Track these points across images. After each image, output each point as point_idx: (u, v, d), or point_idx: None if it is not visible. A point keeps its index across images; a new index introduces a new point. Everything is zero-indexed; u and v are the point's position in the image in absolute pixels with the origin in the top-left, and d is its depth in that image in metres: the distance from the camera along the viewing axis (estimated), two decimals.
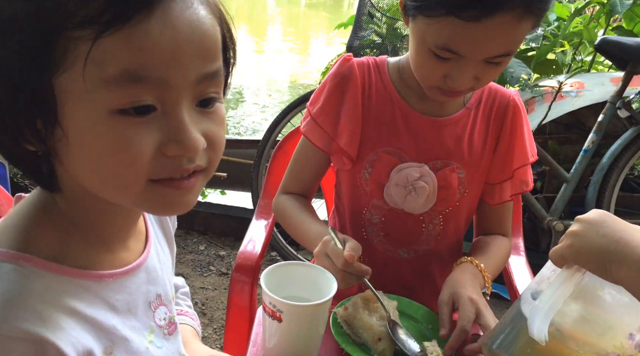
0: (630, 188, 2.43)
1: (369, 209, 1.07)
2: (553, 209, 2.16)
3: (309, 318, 0.80)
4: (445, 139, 1.03)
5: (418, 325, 0.95)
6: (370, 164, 1.04)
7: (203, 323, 2.05)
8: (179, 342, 0.67)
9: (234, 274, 1.18)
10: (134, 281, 0.60)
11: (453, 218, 1.08)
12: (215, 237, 2.64)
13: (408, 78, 1.02)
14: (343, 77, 1.03)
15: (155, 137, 0.49)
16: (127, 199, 0.53)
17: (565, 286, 0.63)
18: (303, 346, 0.82)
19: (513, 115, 1.04)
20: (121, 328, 0.56)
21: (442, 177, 1.01)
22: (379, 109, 1.03)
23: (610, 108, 2.09)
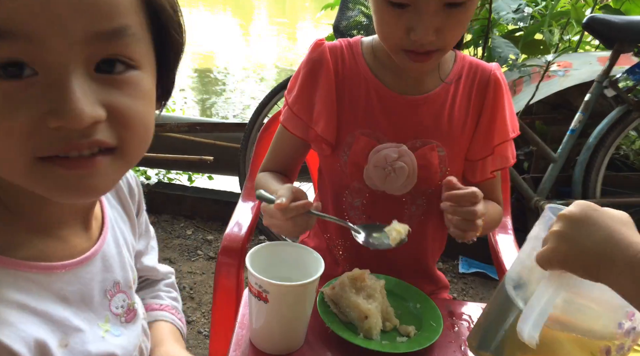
0: (617, 167, 2.44)
1: (350, 192, 1.06)
2: (540, 190, 2.16)
3: (295, 298, 0.79)
4: (423, 117, 1.00)
5: (407, 304, 0.94)
6: (348, 146, 1.02)
7: (191, 307, 2.04)
8: (138, 328, 0.64)
9: (219, 257, 1.17)
10: (89, 271, 0.57)
11: (436, 199, 1.05)
12: (202, 222, 2.62)
13: (382, 56, 1.01)
14: (315, 63, 1.02)
15: (34, 105, 0.42)
16: (15, 178, 0.47)
17: (555, 289, 0.61)
18: (290, 326, 0.81)
19: (495, 90, 1.02)
20: (73, 319, 0.53)
21: (421, 156, 0.99)
22: (353, 91, 1.02)
23: (597, 87, 2.09)
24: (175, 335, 0.78)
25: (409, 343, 0.84)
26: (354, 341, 0.82)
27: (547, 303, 0.60)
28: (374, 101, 1.01)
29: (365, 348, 0.81)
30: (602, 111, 2.22)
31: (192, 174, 3.06)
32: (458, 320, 0.93)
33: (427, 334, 0.86)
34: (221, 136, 2.62)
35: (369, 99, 1.01)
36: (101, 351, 0.56)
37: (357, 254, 1.10)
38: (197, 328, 1.93)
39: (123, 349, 0.59)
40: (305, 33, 8.38)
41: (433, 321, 0.88)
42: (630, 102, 2.10)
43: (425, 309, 0.92)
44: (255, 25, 9.10)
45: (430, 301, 0.94)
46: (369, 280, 0.90)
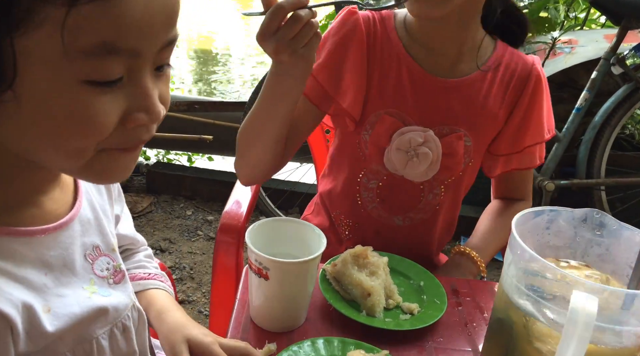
0: (622, 146, 2.41)
1: (366, 173, 1.02)
2: (544, 169, 2.13)
3: (296, 275, 0.76)
4: (454, 103, 0.95)
5: (410, 282, 0.92)
6: (371, 126, 0.97)
7: (191, 287, 2.02)
8: (128, 289, 0.65)
9: (218, 235, 1.15)
10: (69, 235, 0.57)
11: (454, 189, 1.02)
12: (202, 202, 2.60)
13: (415, 32, 0.96)
14: (347, 32, 0.94)
15: (121, 106, 0.47)
16: (73, 166, 0.49)
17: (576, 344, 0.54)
18: (291, 304, 0.79)
19: (535, 87, 0.96)
20: (54, 285, 0.54)
21: (447, 144, 0.95)
22: (384, 67, 0.96)
23: (604, 65, 2.05)
24: (174, 302, 0.78)
25: (412, 321, 0.82)
26: (357, 319, 0.80)
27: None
28: (404, 79, 0.95)
29: (368, 326, 0.79)
30: (608, 90, 2.19)
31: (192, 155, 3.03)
32: (463, 297, 0.91)
33: (430, 312, 0.84)
34: (221, 115, 2.58)
35: (400, 77, 0.95)
36: (88, 307, 0.56)
37: (363, 236, 1.08)
38: (197, 308, 1.93)
39: (114, 307, 0.60)
40: None
41: (437, 299, 0.86)
42: (637, 80, 2.06)
43: (429, 287, 0.90)
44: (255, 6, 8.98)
45: (434, 278, 0.91)
46: (371, 257, 0.88)
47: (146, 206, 2.47)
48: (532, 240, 0.72)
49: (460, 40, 0.94)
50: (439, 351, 0.78)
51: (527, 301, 0.63)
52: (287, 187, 2.48)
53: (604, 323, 0.57)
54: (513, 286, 0.64)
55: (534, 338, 0.62)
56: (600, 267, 0.70)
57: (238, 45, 6.12)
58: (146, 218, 2.42)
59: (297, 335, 0.78)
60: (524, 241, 0.63)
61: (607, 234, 0.69)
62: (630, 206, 2.19)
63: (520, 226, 0.68)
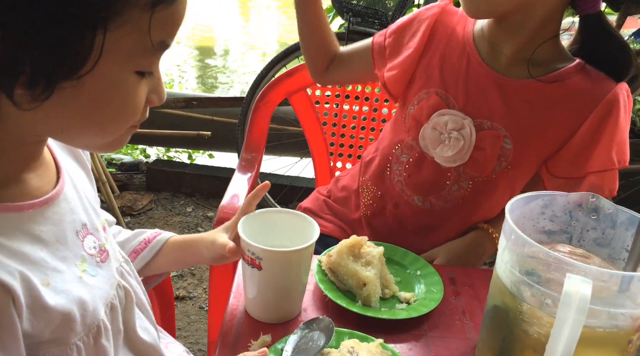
0: None
1: (402, 146, 1.05)
2: None
3: (290, 265, 0.76)
4: (502, 101, 0.94)
5: (407, 272, 0.92)
6: (419, 101, 1.01)
7: (192, 283, 2.02)
8: (112, 269, 0.66)
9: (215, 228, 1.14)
10: (57, 211, 0.58)
11: (485, 191, 1.00)
12: (202, 199, 2.60)
13: (485, 26, 0.97)
14: (421, 14, 1.03)
15: (146, 91, 0.55)
16: (102, 143, 0.56)
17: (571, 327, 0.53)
18: (285, 294, 0.78)
19: (607, 113, 0.89)
20: (51, 260, 0.55)
21: (482, 137, 0.94)
22: (447, 52, 1.00)
23: None
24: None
25: (408, 310, 0.81)
26: (352, 309, 0.79)
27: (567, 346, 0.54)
28: (463, 65, 0.98)
29: (364, 316, 0.79)
30: None
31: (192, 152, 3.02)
32: (460, 286, 0.90)
33: (427, 301, 0.83)
34: (220, 111, 2.57)
35: (460, 62, 0.98)
36: (79, 295, 0.57)
37: (383, 205, 1.10)
38: (198, 304, 1.92)
39: (100, 289, 0.61)
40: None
41: (434, 288, 0.86)
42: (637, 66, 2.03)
43: (426, 276, 0.89)
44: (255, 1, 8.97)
45: (430, 267, 0.91)
46: (367, 247, 0.87)
47: (146, 204, 2.46)
48: (527, 226, 0.71)
49: (518, 44, 0.92)
50: (436, 339, 0.77)
51: (522, 286, 0.62)
52: (286, 182, 2.47)
53: (599, 306, 0.56)
54: (507, 272, 0.63)
55: (529, 323, 0.61)
56: (597, 251, 0.69)
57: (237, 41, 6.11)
58: (146, 216, 2.42)
59: (292, 327, 0.77)
60: (519, 226, 0.62)
61: (602, 218, 0.69)
62: (632, 194, 2.17)
63: (515, 211, 0.68)
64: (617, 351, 0.59)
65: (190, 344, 1.74)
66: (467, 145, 0.95)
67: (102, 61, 0.48)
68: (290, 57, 2.20)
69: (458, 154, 0.96)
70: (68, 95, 0.48)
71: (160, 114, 2.46)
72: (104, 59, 0.48)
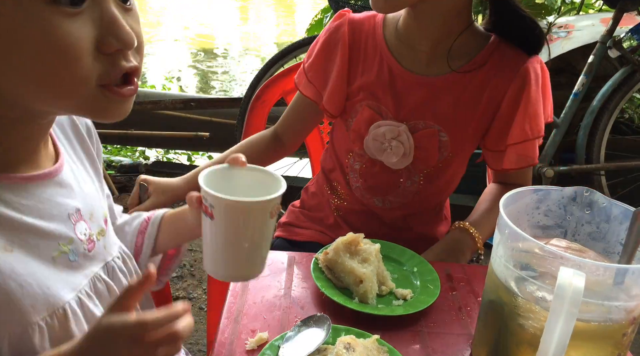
0: (621, 131, 2.39)
1: (353, 155, 1.09)
2: (543, 156, 2.12)
3: (243, 218, 0.66)
4: (429, 100, 0.98)
5: (403, 269, 0.92)
6: (354, 114, 1.04)
7: (192, 284, 2.03)
8: (99, 258, 0.66)
9: None
10: (44, 191, 0.59)
11: (436, 177, 1.05)
12: None
13: (398, 28, 1.00)
14: (332, 34, 1.04)
15: (91, 31, 0.49)
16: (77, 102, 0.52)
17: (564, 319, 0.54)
18: (237, 249, 0.68)
19: (521, 86, 0.95)
20: (26, 231, 0.55)
21: (419, 138, 0.99)
22: (367, 62, 1.02)
23: (601, 48, 2.03)
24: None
25: (405, 306, 0.81)
26: (349, 306, 0.80)
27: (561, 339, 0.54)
28: (385, 75, 1.01)
29: (361, 312, 0.79)
30: (605, 74, 2.17)
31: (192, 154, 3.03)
32: (457, 282, 0.90)
33: (423, 297, 0.83)
34: (218, 113, 2.58)
35: (381, 72, 1.01)
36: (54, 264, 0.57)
37: (351, 208, 1.12)
38: (198, 305, 1.93)
39: (71, 276, 0.60)
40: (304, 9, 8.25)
41: (430, 284, 0.86)
42: (634, 62, 2.04)
43: (423, 272, 0.89)
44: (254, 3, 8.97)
45: (427, 264, 0.91)
46: (363, 244, 0.87)
47: None
48: (522, 220, 0.71)
49: (433, 39, 0.96)
50: (432, 335, 0.78)
51: (516, 280, 0.62)
52: None
53: (594, 299, 0.56)
54: (502, 266, 0.64)
55: (524, 317, 0.61)
56: (592, 245, 0.70)
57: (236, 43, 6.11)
58: None
59: (289, 324, 0.78)
60: (514, 221, 0.62)
61: (597, 212, 0.69)
62: (631, 190, 2.17)
63: (510, 205, 0.68)
64: (612, 345, 0.59)
65: (190, 345, 1.75)
66: (408, 149, 1.00)
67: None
68: (288, 58, 2.20)
69: (402, 158, 1.01)
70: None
71: (158, 116, 2.46)
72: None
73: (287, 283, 0.88)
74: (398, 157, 1.00)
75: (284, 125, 1.15)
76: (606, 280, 0.58)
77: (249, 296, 0.84)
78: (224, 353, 0.72)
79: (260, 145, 1.16)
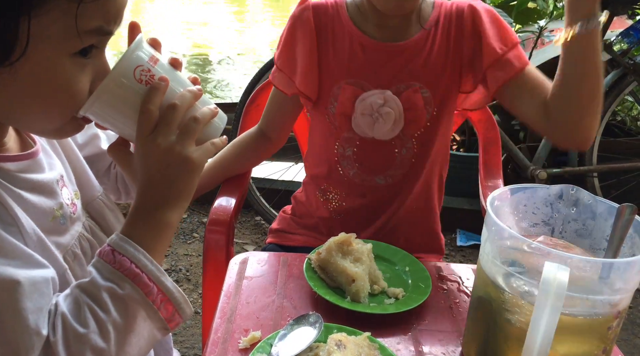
0: (614, 133, 2.41)
1: (341, 143, 1.09)
2: (536, 158, 2.14)
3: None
4: (404, 62, 1.02)
5: (396, 268, 0.93)
6: (335, 98, 1.05)
7: (188, 288, 2.03)
8: (78, 221, 0.71)
9: (207, 230, 1.15)
10: (39, 162, 0.65)
11: (428, 140, 1.07)
12: (197, 204, 2.61)
13: (365, 9, 1.04)
14: (296, 20, 1.06)
15: (89, 77, 0.58)
16: (48, 128, 0.60)
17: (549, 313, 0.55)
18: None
19: (472, 20, 1.00)
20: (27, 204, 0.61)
21: (405, 99, 1.02)
22: (337, 45, 1.05)
23: None
24: None
25: (397, 305, 0.82)
26: (341, 305, 0.80)
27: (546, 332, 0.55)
28: (357, 51, 1.03)
29: (353, 311, 0.80)
30: None
31: None
32: (447, 281, 0.91)
33: (415, 296, 0.84)
34: None
35: (353, 50, 1.04)
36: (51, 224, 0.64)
37: (352, 202, 1.12)
38: (194, 309, 1.92)
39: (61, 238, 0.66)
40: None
41: (422, 283, 0.87)
42: (625, 65, 2.06)
43: (414, 271, 0.90)
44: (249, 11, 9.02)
45: (419, 263, 0.92)
46: (355, 244, 0.88)
47: None
48: (509, 218, 0.72)
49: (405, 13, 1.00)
50: (424, 333, 0.79)
51: (504, 276, 0.63)
52: (281, 186, 2.48)
53: (579, 293, 0.57)
54: (490, 263, 0.65)
55: (512, 312, 0.62)
56: (578, 242, 0.71)
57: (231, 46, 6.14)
58: None
59: (282, 323, 0.78)
60: (502, 218, 0.63)
61: (582, 210, 0.70)
62: (624, 192, 2.19)
63: (497, 203, 0.69)
64: (598, 338, 0.60)
65: (186, 349, 1.75)
66: (398, 112, 1.02)
67: (32, 46, 0.50)
68: None
69: (395, 124, 1.02)
70: (5, 81, 0.52)
71: None
72: (35, 44, 0.50)
73: (280, 283, 0.89)
74: (390, 124, 1.02)
75: (267, 120, 1.18)
76: (592, 275, 0.59)
77: (242, 296, 0.85)
78: (217, 352, 0.73)
79: (248, 143, 1.19)
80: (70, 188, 0.71)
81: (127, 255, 0.59)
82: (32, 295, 0.53)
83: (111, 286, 0.58)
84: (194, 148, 0.64)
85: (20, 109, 0.56)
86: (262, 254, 0.98)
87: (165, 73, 0.63)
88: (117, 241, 0.60)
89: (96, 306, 0.56)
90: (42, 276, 0.56)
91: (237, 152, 1.22)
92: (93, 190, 0.79)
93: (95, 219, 0.77)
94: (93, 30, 0.54)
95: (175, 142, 0.62)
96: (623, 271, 0.58)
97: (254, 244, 2.35)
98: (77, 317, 0.56)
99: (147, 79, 0.61)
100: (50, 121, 0.58)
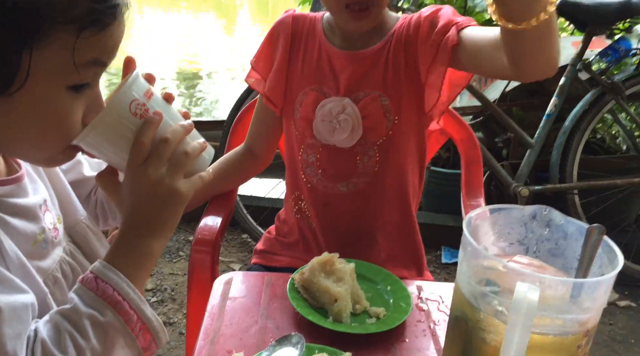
0: (593, 151, 2.46)
1: (305, 149, 1.11)
2: (518, 175, 2.17)
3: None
4: (365, 71, 1.05)
5: (377, 288, 0.94)
6: (300, 103, 1.09)
7: (173, 308, 2.02)
8: (60, 246, 0.72)
9: (193, 250, 1.16)
10: (23, 187, 0.66)
11: (391, 149, 1.07)
12: (184, 222, 2.60)
13: (332, 24, 1.10)
14: (276, 27, 1.12)
15: (82, 109, 0.60)
16: (45, 156, 0.62)
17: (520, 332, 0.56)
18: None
19: (415, 24, 1.01)
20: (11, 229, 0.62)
21: (363, 107, 1.04)
22: (307, 54, 1.10)
23: (571, 71, 2.11)
24: None
25: (378, 324, 0.83)
26: (324, 325, 0.82)
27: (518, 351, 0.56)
28: (324, 60, 1.08)
29: (335, 331, 0.81)
30: (577, 95, 2.24)
31: None
32: (428, 301, 0.93)
33: (396, 315, 0.85)
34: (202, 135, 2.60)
35: (320, 59, 1.08)
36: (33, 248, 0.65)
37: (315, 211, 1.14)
38: (178, 329, 1.92)
39: (42, 263, 0.67)
40: None
41: (402, 302, 0.88)
42: (603, 84, 2.11)
43: (395, 291, 0.92)
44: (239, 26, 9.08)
45: (400, 282, 0.93)
46: (338, 264, 0.90)
47: None
48: (485, 238, 0.74)
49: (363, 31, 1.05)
50: (404, 352, 0.80)
51: (479, 296, 0.65)
52: (267, 204, 2.49)
53: (549, 312, 0.59)
54: (465, 283, 0.66)
55: (486, 331, 0.64)
56: (552, 262, 0.73)
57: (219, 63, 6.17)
58: None
59: (265, 344, 0.79)
60: (481, 238, 0.65)
61: (554, 230, 0.72)
62: (603, 209, 2.23)
63: (477, 222, 0.71)
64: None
65: None
66: (356, 120, 1.04)
67: (31, 78, 0.52)
68: None
69: (352, 132, 1.04)
70: (1, 110, 0.53)
71: None
72: (34, 76, 0.52)
73: (264, 303, 0.90)
74: (348, 132, 1.04)
75: (252, 135, 1.21)
76: (564, 295, 0.61)
77: (226, 317, 0.86)
78: None
79: (235, 161, 1.22)
80: (54, 212, 0.72)
81: (110, 283, 0.60)
82: (10, 321, 0.54)
83: (92, 312, 0.58)
84: (182, 181, 0.65)
85: (14, 138, 0.57)
86: (246, 275, 0.99)
87: (159, 107, 0.66)
88: (100, 268, 0.61)
89: (76, 333, 0.57)
90: (21, 302, 0.56)
91: (224, 170, 1.24)
92: (76, 214, 0.79)
93: (77, 243, 0.77)
94: (89, 62, 0.56)
95: (165, 174, 0.63)
96: (592, 290, 0.60)
97: (240, 262, 2.35)
98: (57, 343, 0.56)
99: (141, 113, 0.63)
100: (44, 150, 0.60)
